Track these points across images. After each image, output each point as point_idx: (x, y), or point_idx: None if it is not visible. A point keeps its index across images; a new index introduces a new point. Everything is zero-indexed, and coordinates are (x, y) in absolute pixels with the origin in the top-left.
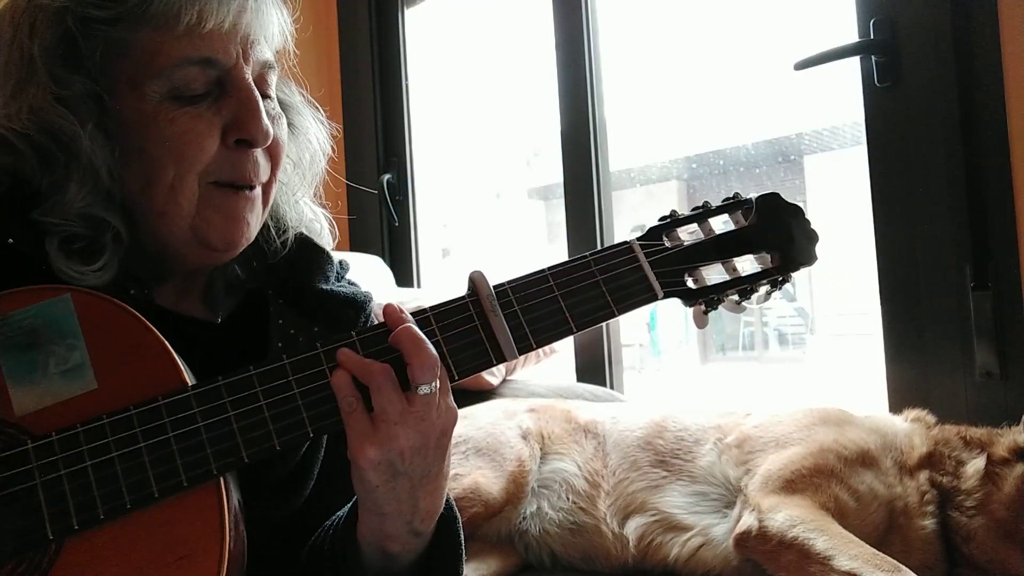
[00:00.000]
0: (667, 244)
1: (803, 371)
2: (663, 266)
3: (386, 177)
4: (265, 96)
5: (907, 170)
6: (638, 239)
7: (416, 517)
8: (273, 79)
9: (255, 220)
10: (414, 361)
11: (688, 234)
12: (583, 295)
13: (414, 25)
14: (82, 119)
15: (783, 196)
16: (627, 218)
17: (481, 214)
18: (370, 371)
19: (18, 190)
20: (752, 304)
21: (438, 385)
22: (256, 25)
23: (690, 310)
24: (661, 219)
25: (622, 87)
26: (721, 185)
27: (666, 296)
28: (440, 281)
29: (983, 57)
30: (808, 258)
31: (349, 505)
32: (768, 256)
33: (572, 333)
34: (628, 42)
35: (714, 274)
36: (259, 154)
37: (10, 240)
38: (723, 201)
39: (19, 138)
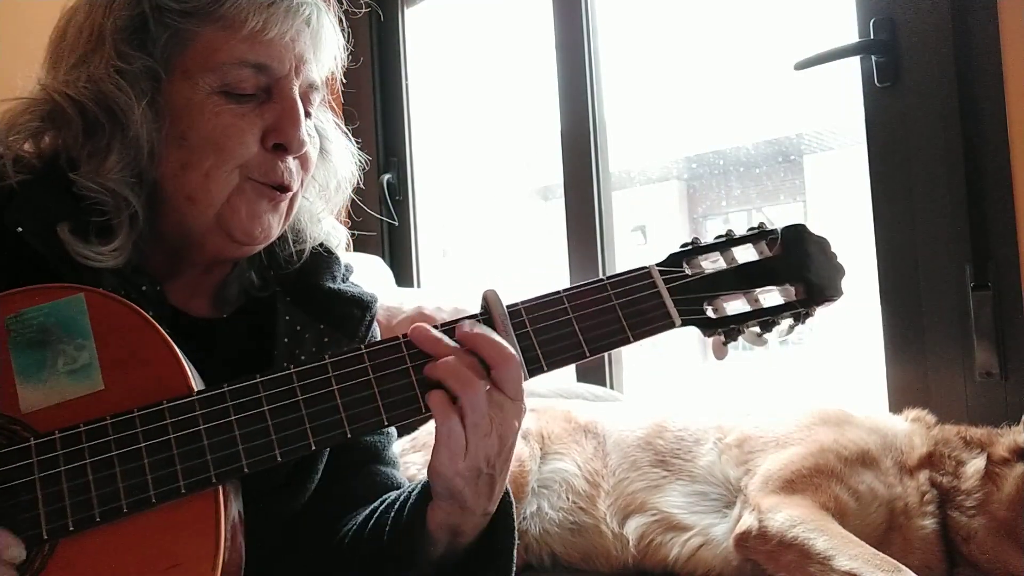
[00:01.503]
0: (687, 271)
1: (803, 371)
2: (682, 293)
3: (386, 177)
4: (306, 114)
5: (907, 170)
6: (657, 265)
7: (492, 503)
8: (316, 100)
9: (276, 223)
10: (502, 368)
11: (710, 263)
12: (598, 319)
13: (414, 25)
14: (138, 95)
15: (809, 228)
16: (627, 218)
17: (481, 214)
18: (469, 383)
19: (49, 171)
20: (774, 337)
21: (524, 393)
22: (312, 46)
23: (709, 340)
24: (682, 246)
25: (622, 87)
26: (721, 185)
27: (684, 324)
28: (440, 281)
29: (983, 57)
30: (835, 292)
31: (411, 493)
32: (792, 288)
33: (585, 358)
34: (628, 42)
35: (735, 305)
36: (292, 161)
37: (19, 229)
38: (748, 230)
39: (71, 104)
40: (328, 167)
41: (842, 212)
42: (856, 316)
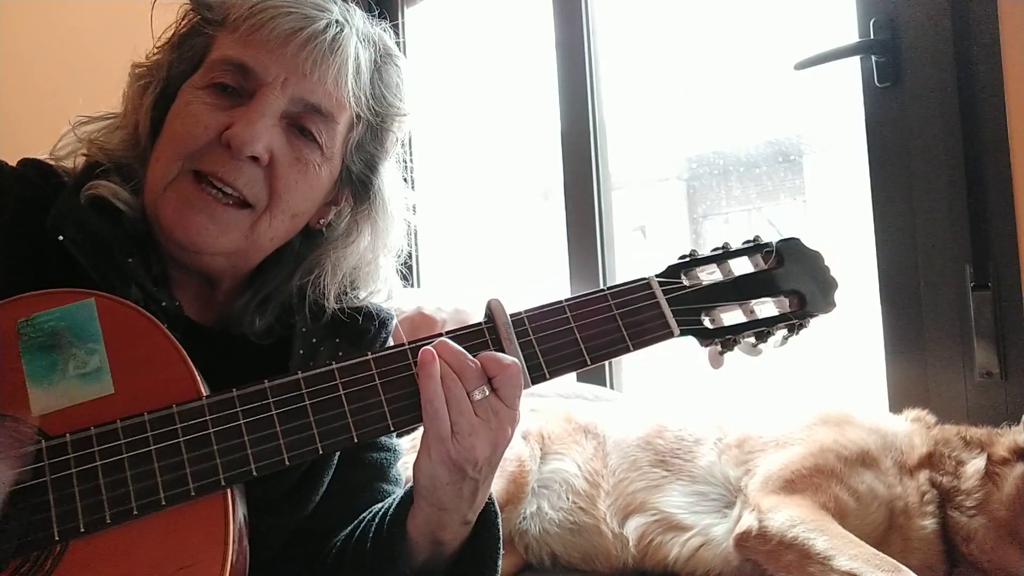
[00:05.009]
0: (685, 283)
1: (803, 371)
2: (681, 304)
3: None
4: (306, 133)
5: (907, 170)
6: (656, 276)
7: (472, 511)
8: (321, 126)
9: (218, 230)
10: (501, 375)
11: (707, 274)
12: (599, 328)
13: (414, 25)
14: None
15: (803, 241)
16: (627, 218)
17: (481, 214)
18: (453, 383)
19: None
20: (769, 347)
21: (519, 401)
22: (316, 64)
23: (706, 350)
24: (680, 257)
25: (622, 87)
26: (721, 185)
27: (682, 334)
28: (440, 281)
29: (983, 57)
30: (826, 305)
31: (392, 505)
32: (787, 300)
33: (586, 366)
34: (628, 42)
35: (732, 315)
36: (250, 167)
37: (60, 237)
38: (743, 243)
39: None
40: (386, 218)
41: (842, 212)
42: (856, 316)
